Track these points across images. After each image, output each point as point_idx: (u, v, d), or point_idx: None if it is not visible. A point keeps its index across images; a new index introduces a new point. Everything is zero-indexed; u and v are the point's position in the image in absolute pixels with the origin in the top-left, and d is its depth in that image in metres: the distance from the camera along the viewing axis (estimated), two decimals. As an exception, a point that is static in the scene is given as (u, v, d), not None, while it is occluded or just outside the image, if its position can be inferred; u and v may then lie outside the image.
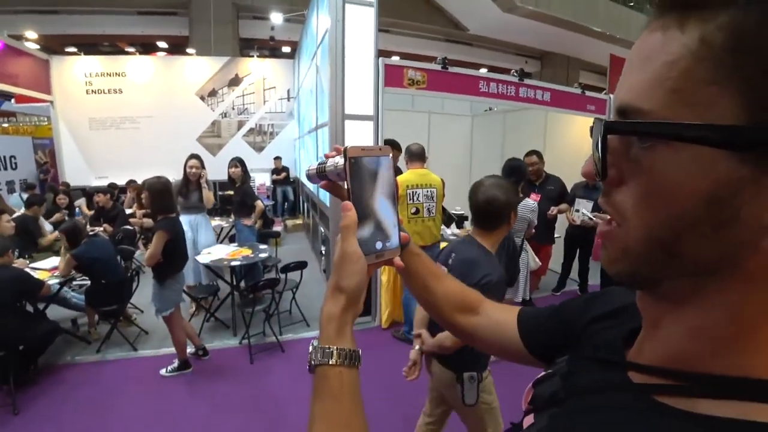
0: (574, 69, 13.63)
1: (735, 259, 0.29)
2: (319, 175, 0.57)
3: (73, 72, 8.51)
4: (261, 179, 9.29)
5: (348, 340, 0.50)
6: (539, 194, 3.98)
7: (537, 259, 3.53)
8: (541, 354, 0.61)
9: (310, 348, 0.49)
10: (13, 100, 8.29)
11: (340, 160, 0.52)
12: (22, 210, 4.78)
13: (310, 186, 5.99)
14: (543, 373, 0.51)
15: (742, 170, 0.27)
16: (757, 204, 0.27)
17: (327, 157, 0.56)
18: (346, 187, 0.52)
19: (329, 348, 0.48)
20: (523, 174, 3.14)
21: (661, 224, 0.30)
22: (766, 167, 0.26)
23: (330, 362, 0.47)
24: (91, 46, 11.12)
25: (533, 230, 3.17)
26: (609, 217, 0.35)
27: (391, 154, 0.55)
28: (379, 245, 0.54)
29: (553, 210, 3.91)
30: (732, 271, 0.29)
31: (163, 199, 2.87)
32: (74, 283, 3.91)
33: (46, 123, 8.69)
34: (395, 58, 10.01)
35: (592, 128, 0.36)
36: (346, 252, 0.50)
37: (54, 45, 10.81)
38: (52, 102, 8.24)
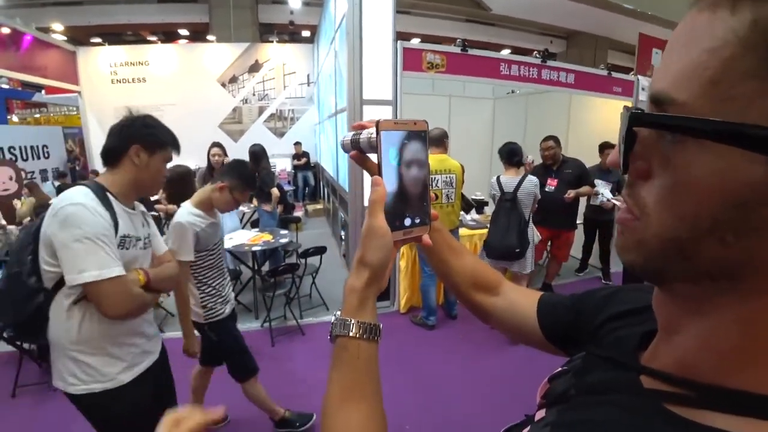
0: (602, 48, 13.09)
1: (757, 272, 0.27)
2: (353, 145, 0.56)
3: (99, 62, 8.74)
4: (282, 164, 9.40)
5: (369, 313, 0.50)
6: (556, 179, 3.90)
7: (538, 233, 3.67)
8: (559, 343, 0.60)
9: (332, 318, 0.50)
10: (43, 92, 8.59)
11: (373, 133, 0.51)
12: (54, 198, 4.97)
13: (330, 171, 6.02)
14: (559, 369, 0.51)
15: None
16: None
17: (354, 128, 0.55)
18: (376, 161, 0.51)
19: (349, 320, 0.49)
20: (522, 155, 3.41)
21: (681, 224, 0.28)
22: None
23: (350, 334, 0.48)
24: (115, 36, 11.36)
25: (536, 205, 3.38)
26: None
27: (426, 128, 0.54)
28: (408, 222, 0.53)
29: (570, 193, 3.79)
30: (751, 282, 0.28)
31: (181, 187, 2.93)
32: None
33: (75, 113, 8.97)
34: (415, 41, 9.87)
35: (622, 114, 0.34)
36: (373, 226, 0.49)
37: (80, 36, 11.08)
38: (79, 92, 8.49)
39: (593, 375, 0.43)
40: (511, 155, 3.34)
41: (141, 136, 1.35)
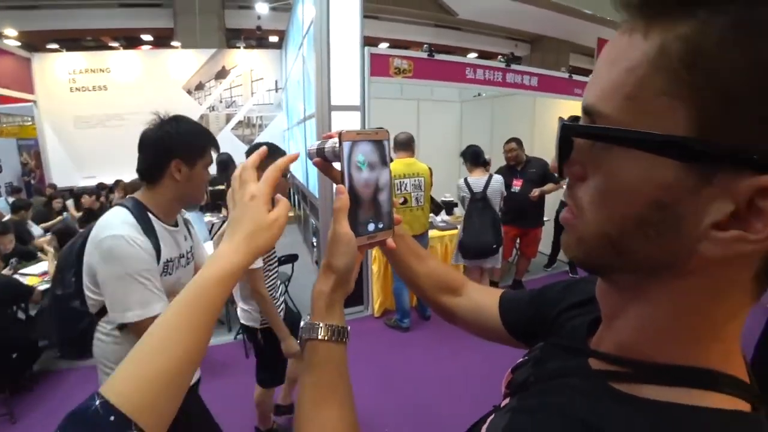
0: (564, 52, 13.52)
1: (676, 261, 0.31)
2: (318, 154, 0.58)
3: (56, 69, 8.36)
4: (251, 172, 9.23)
5: (336, 316, 0.53)
6: (521, 179, 4.01)
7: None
8: (522, 337, 0.63)
9: (302, 323, 0.53)
10: (-6, 101, 8.14)
11: (337, 143, 0.53)
12: (9, 215, 4.71)
13: (300, 178, 5.97)
14: (520, 360, 0.53)
15: (687, 180, 0.28)
16: (697, 212, 0.28)
17: (324, 138, 0.57)
18: (340, 170, 0.53)
19: (318, 324, 0.51)
20: (484, 155, 3.62)
21: (611, 222, 0.32)
22: (707, 179, 0.27)
23: (318, 337, 0.51)
24: (73, 41, 10.92)
25: (502, 201, 3.58)
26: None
27: (387, 137, 0.56)
28: (371, 227, 0.55)
29: (535, 192, 3.92)
30: (673, 271, 0.31)
31: None
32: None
33: (31, 123, 8.55)
34: (383, 46, 9.94)
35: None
36: (337, 233, 0.52)
37: (35, 41, 10.59)
38: (35, 101, 8.10)
39: (550, 363, 0.46)
40: (476, 157, 3.50)
41: (179, 149, 1.25)
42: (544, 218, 4.35)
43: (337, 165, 0.55)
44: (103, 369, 1.31)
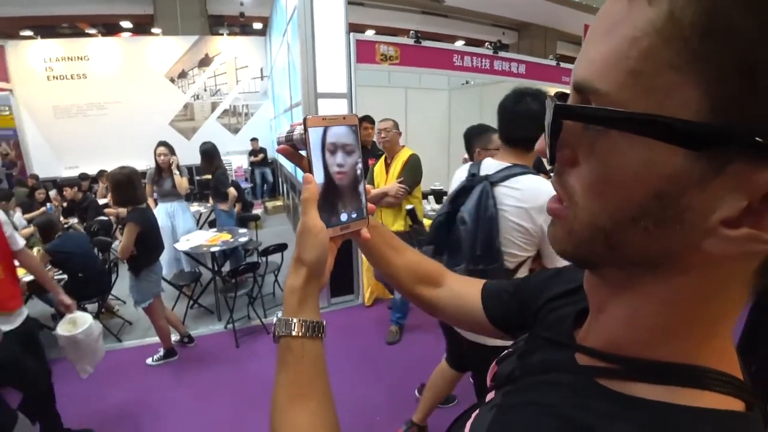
0: (551, 40, 13.50)
1: (674, 256, 0.28)
2: (287, 143, 0.56)
3: (31, 57, 8.10)
4: (238, 162, 9.13)
5: (310, 311, 0.51)
6: None
7: None
8: (507, 329, 0.62)
9: (275, 320, 0.51)
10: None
11: (303, 130, 0.51)
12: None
13: (288, 166, 5.91)
14: (505, 351, 0.52)
15: (695, 169, 0.25)
16: (704, 206, 0.25)
17: (293, 126, 0.56)
18: (306, 158, 0.51)
19: (291, 320, 0.49)
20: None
21: (606, 213, 0.29)
22: (719, 169, 0.24)
23: (292, 333, 0.49)
24: (48, 28, 10.51)
25: None
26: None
27: (356, 122, 0.54)
28: (344, 217, 0.54)
29: None
30: (670, 266, 0.29)
31: (126, 190, 2.77)
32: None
33: (8, 113, 8.30)
34: (370, 33, 9.82)
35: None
36: (306, 225, 0.50)
37: (7, 28, 10.19)
38: (11, 90, 7.85)
39: (535, 355, 0.44)
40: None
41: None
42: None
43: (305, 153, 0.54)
44: None
